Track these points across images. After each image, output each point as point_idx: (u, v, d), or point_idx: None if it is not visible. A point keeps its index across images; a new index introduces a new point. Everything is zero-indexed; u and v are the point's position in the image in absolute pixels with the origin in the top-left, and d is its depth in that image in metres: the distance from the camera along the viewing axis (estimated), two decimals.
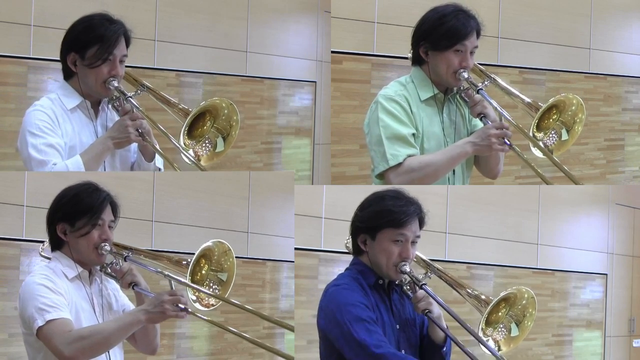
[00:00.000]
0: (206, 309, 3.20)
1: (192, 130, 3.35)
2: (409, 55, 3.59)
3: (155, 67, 5.54)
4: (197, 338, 5.60)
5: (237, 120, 3.41)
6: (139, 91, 3.42)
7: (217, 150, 3.39)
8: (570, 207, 6.50)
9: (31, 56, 4.85)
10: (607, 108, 6.50)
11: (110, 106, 3.42)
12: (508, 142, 3.37)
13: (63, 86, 3.40)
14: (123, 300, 3.22)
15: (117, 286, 3.21)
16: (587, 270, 6.64)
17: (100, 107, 3.44)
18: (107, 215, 3.08)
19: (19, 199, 4.67)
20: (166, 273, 3.08)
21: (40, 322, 2.92)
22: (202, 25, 5.79)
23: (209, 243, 3.21)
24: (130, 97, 3.34)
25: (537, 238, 6.29)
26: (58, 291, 2.98)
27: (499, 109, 3.43)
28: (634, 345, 6.98)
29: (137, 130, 3.31)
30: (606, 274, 6.77)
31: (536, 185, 6.11)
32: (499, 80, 3.56)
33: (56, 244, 3.11)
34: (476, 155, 3.59)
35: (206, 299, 3.18)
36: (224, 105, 3.38)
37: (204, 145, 3.38)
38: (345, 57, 5.24)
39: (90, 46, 3.31)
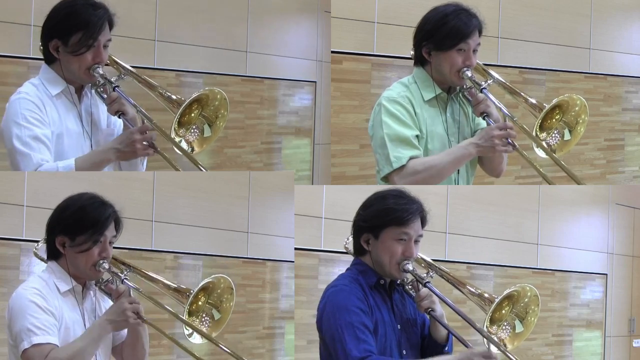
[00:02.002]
0: (201, 338, 3.18)
1: (180, 118, 3.23)
2: (411, 53, 3.59)
3: (155, 67, 5.53)
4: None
5: (224, 114, 3.29)
6: (121, 75, 3.30)
7: (205, 135, 3.27)
8: (570, 207, 6.50)
9: (31, 56, 4.85)
10: (607, 108, 6.50)
11: (93, 91, 3.30)
12: (511, 142, 3.37)
13: (45, 70, 3.29)
14: None
15: (110, 303, 3.14)
16: (587, 270, 6.64)
17: (83, 93, 3.33)
18: (110, 231, 3.01)
19: (19, 199, 4.66)
20: (137, 287, 3.04)
21: (26, 345, 2.87)
22: (202, 25, 5.79)
23: (212, 278, 3.13)
24: (117, 85, 3.24)
25: (537, 238, 6.29)
26: (48, 309, 2.93)
27: (502, 108, 3.44)
28: (634, 345, 6.98)
29: (146, 142, 3.20)
30: (606, 274, 6.77)
31: (536, 185, 6.11)
32: (503, 81, 3.56)
33: (53, 255, 3.04)
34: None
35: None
36: (218, 97, 3.28)
37: (192, 131, 3.26)
38: (345, 57, 5.24)
39: (73, 33, 3.19)
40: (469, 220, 5.86)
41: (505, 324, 3.17)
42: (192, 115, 3.26)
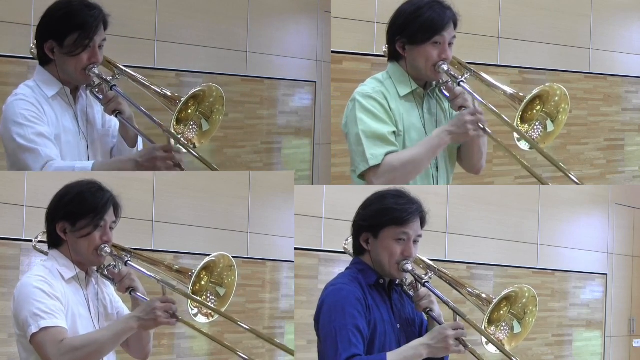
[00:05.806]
0: (206, 318, 3.19)
1: (178, 115, 3.22)
2: (384, 50, 3.54)
3: (155, 67, 5.54)
4: (197, 338, 5.60)
5: (220, 109, 3.28)
6: (117, 75, 3.30)
7: (203, 130, 3.27)
8: (570, 207, 6.50)
9: (31, 56, 4.84)
10: (607, 108, 6.50)
11: (88, 92, 3.31)
12: (482, 127, 3.28)
13: (40, 72, 3.30)
14: (117, 304, 3.18)
15: (112, 289, 3.17)
16: (587, 270, 6.64)
17: (78, 94, 3.34)
18: (110, 216, 3.02)
19: (19, 199, 4.67)
20: (159, 279, 3.06)
21: (34, 329, 2.87)
22: (202, 25, 5.80)
23: (212, 257, 3.18)
24: (114, 85, 3.24)
25: (537, 238, 6.29)
26: (54, 295, 2.93)
27: (481, 101, 3.32)
28: (634, 345, 6.98)
29: (170, 162, 3.19)
30: (606, 274, 6.78)
31: (536, 186, 6.11)
32: (481, 74, 3.45)
33: (54, 242, 3.05)
34: (459, 151, 3.52)
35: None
36: (214, 93, 3.26)
37: (190, 127, 3.26)
38: (345, 57, 5.24)
39: (69, 34, 3.20)
40: (469, 220, 5.86)
41: (503, 324, 3.17)
42: (189, 111, 3.25)
